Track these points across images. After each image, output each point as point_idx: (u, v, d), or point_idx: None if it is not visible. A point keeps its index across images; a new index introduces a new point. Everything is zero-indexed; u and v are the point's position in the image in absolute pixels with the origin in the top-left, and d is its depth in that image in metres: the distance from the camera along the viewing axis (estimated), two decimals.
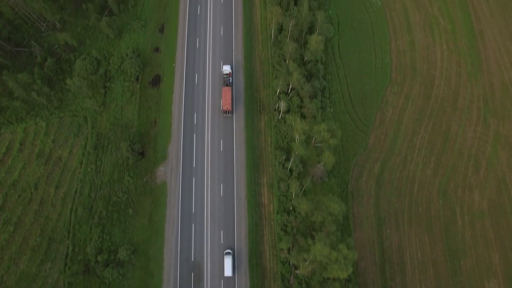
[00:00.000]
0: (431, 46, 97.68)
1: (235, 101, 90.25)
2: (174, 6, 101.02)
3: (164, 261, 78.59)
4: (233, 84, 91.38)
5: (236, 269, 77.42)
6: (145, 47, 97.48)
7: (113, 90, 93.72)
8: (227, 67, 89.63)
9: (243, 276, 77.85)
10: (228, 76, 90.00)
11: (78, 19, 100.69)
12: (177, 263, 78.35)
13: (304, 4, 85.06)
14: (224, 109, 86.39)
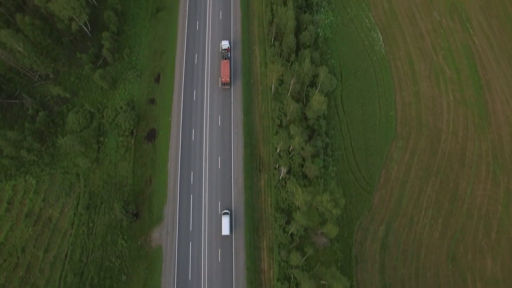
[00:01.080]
0: (437, 97, 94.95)
1: (230, 153, 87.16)
2: (170, 54, 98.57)
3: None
4: (232, 141, 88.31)
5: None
6: (140, 99, 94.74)
7: (107, 145, 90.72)
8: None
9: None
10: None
11: (72, 68, 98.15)
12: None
13: (306, 60, 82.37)
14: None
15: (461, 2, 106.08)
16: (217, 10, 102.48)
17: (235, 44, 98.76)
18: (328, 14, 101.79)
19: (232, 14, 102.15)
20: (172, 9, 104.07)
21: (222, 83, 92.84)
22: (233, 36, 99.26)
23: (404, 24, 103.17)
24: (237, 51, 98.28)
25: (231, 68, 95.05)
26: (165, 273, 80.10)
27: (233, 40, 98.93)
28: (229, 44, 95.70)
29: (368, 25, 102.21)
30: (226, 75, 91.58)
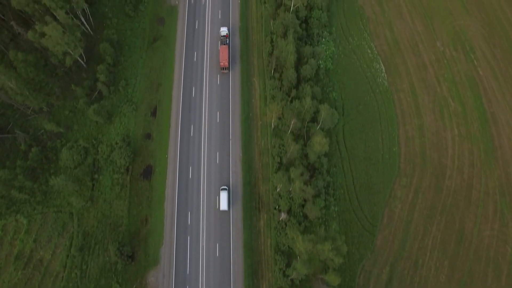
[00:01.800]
0: (441, 131, 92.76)
1: (232, 201, 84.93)
2: (167, 86, 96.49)
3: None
4: (230, 187, 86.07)
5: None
6: (136, 133, 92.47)
7: (102, 183, 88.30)
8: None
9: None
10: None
11: (66, 101, 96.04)
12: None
13: (307, 98, 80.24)
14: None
15: (464, 31, 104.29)
16: (216, 41, 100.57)
17: (234, 75, 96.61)
18: (329, 44, 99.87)
19: (231, 44, 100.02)
20: (170, 39, 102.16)
21: (221, 67, 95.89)
22: (231, 68, 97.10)
23: (407, 54, 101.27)
24: (236, 83, 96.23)
25: (229, 53, 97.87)
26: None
27: (231, 72, 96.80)
28: (227, 31, 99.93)
29: (370, 56, 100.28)
30: (225, 60, 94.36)
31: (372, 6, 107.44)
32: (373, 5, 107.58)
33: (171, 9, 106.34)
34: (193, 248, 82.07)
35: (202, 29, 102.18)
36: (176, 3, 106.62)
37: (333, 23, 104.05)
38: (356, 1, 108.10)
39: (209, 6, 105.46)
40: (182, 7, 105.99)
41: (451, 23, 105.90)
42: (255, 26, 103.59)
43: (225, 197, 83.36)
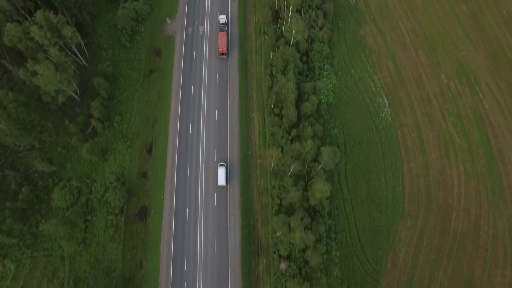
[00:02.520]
0: (446, 169, 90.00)
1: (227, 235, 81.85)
2: (163, 122, 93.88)
3: None
4: (229, 222, 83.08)
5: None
6: (131, 172, 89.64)
7: (95, 225, 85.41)
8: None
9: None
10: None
11: (60, 136, 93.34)
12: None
13: (308, 141, 77.53)
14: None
15: (469, 63, 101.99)
16: (213, 73, 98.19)
17: (232, 110, 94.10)
18: (331, 77, 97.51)
19: (229, 77, 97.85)
20: (166, 71, 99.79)
21: (220, 52, 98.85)
22: (230, 103, 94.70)
23: (410, 87, 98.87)
24: (234, 118, 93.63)
25: (228, 39, 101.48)
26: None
27: (230, 107, 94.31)
28: (226, 18, 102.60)
29: (373, 89, 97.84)
30: (223, 45, 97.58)
31: (375, 37, 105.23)
32: (376, 36, 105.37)
33: (168, 40, 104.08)
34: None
35: (200, 61, 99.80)
36: (173, 33, 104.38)
37: (335, 55, 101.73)
38: (358, 31, 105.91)
39: (207, 36, 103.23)
40: (179, 37, 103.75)
41: (455, 54, 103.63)
42: (254, 57, 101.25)
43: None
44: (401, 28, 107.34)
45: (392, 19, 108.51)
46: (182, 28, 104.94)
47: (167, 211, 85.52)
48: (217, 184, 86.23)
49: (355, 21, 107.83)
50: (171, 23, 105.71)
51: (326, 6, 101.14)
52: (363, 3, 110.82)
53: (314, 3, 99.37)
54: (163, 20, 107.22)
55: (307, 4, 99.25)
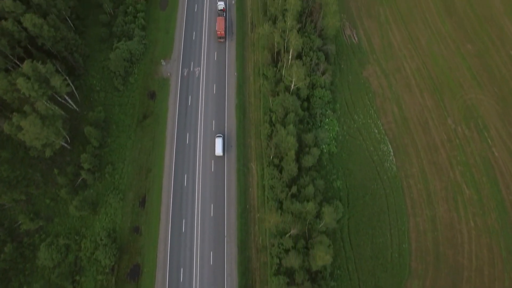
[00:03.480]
0: (455, 224, 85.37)
1: None
2: (157, 173, 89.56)
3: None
4: (225, 283, 78.32)
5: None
6: (123, 227, 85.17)
7: (83, 286, 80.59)
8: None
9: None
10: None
11: (48, 187, 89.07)
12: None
13: (309, 203, 73.31)
14: None
15: (476, 106, 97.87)
16: (210, 120, 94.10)
17: (229, 161, 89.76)
18: (333, 124, 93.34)
19: (227, 125, 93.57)
20: (161, 117, 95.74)
21: (218, 36, 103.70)
22: (227, 153, 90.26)
23: (416, 133, 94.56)
24: (232, 169, 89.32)
25: (226, 24, 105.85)
26: None
27: (227, 157, 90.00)
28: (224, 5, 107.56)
29: (377, 136, 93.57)
30: (221, 29, 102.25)
31: (379, 78, 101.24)
32: (380, 77, 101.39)
33: (163, 82, 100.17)
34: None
35: (196, 106, 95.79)
36: (168, 75, 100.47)
37: (337, 99, 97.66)
38: (361, 73, 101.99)
39: (203, 79, 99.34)
40: (174, 79, 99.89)
41: (462, 97, 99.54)
42: (253, 101, 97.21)
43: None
44: (405, 69, 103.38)
45: (396, 59, 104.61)
46: (178, 69, 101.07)
47: (161, 270, 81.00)
48: (213, 242, 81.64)
49: (358, 61, 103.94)
50: (166, 64, 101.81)
51: (328, 48, 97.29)
52: (366, 42, 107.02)
53: (315, 45, 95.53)
54: (158, 60, 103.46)
55: (308, 46, 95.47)
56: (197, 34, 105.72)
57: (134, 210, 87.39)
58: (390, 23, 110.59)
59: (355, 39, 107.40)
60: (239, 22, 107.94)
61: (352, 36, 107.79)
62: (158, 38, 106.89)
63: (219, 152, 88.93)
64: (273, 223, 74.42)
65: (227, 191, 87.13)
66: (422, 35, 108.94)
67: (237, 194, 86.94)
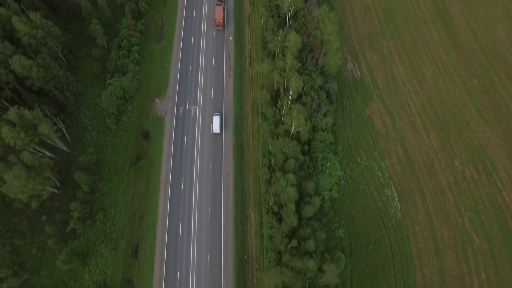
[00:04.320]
0: (465, 276, 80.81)
1: None
2: (151, 220, 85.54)
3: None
4: None
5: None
6: (115, 279, 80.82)
7: None
8: None
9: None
10: None
11: (35, 235, 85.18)
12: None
13: (310, 262, 68.71)
14: None
15: (484, 147, 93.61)
16: (206, 163, 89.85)
17: (226, 208, 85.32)
18: (335, 168, 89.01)
19: (224, 168, 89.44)
20: (155, 159, 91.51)
21: (216, 24, 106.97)
22: (224, 198, 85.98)
23: (422, 176, 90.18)
24: (229, 217, 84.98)
25: (224, 13, 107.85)
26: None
27: (224, 203, 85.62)
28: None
29: (381, 180, 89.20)
30: (220, 17, 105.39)
31: (382, 116, 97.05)
32: (383, 115, 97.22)
33: (158, 121, 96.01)
34: None
35: (191, 148, 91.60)
36: (163, 114, 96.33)
37: (339, 139, 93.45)
38: (364, 111, 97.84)
39: (199, 118, 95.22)
40: (169, 118, 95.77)
41: (469, 135, 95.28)
42: (251, 142, 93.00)
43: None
44: (410, 105, 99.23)
45: (400, 95, 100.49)
46: (173, 107, 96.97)
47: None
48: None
49: (361, 98, 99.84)
50: (161, 102, 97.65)
51: (329, 86, 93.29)
52: (369, 76, 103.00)
53: (316, 84, 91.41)
54: (153, 97, 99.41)
55: (309, 85, 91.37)
56: (193, 69, 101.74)
57: (126, 260, 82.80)
58: (393, 56, 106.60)
59: (358, 74, 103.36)
60: (237, 56, 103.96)
61: (354, 71, 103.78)
62: (153, 73, 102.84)
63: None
64: (272, 284, 69.74)
65: (224, 240, 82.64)
66: (426, 68, 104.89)
67: (234, 244, 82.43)
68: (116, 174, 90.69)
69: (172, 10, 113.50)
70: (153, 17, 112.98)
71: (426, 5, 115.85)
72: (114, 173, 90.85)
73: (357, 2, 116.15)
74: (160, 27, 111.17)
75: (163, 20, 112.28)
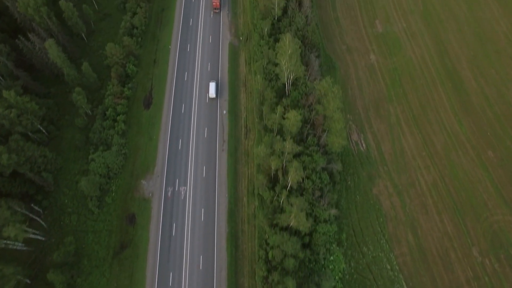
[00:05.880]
0: None
1: None
2: None
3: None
4: None
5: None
6: None
7: None
8: None
9: None
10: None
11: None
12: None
13: None
14: None
15: (506, 232, 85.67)
16: (196, 257, 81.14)
17: None
18: (339, 261, 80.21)
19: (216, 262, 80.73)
20: (140, 248, 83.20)
21: (214, 7, 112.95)
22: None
23: (436, 269, 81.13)
24: None
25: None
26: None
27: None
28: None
29: (390, 273, 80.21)
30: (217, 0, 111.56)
31: (390, 197, 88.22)
32: (391, 195, 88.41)
33: (144, 203, 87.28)
34: None
35: (180, 238, 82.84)
36: (150, 195, 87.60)
37: (343, 226, 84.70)
38: (370, 190, 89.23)
39: (189, 202, 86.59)
40: (156, 201, 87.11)
41: (487, 218, 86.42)
42: (246, 229, 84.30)
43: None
44: (420, 183, 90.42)
45: (410, 171, 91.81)
46: (161, 188, 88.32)
47: None
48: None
49: (367, 175, 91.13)
50: (148, 182, 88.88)
51: (333, 166, 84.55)
52: (376, 149, 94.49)
53: (318, 166, 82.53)
54: (139, 174, 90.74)
55: (310, 168, 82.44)
56: (184, 142, 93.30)
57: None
58: (401, 125, 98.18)
59: (363, 146, 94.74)
60: (232, 126, 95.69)
61: (360, 143, 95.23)
62: (140, 145, 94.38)
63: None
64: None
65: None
66: (437, 139, 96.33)
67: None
68: (97, 267, 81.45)
69: (162, 71, 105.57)
70: (141, 79, 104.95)
71: (434, 64, 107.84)
72: (95, 265, 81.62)
73: (361, 62, 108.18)
74: (149, 90, 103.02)
75: (153, 83, 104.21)
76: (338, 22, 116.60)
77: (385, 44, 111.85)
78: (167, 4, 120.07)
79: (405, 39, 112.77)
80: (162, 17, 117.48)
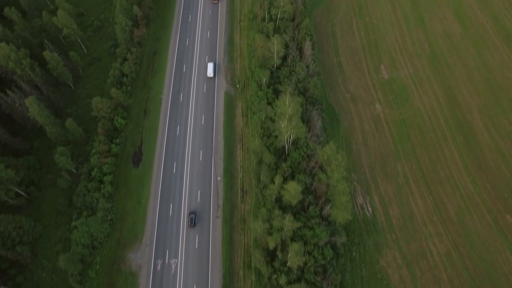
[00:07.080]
0: None
1: None
2: None
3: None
4: None
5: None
6: None
7: None
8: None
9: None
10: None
11: None
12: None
13: None
14: None
15: None
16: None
17: None
18: None
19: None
20: None
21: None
22: None
23: None
24: None
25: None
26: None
27: None
28: None
29: None
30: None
31: (399, 269, 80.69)
32: (400, 267, 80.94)
33: (131, 277, 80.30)
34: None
35: None
36: (138, 268, 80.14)
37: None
38: (377, 262, 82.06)
39: (180, 277, 79.22)
40: (144, 275, 79.96)
41: None
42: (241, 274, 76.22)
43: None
44: (432, 253, 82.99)
45: (420, 239, 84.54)
46: (150, 260, 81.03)
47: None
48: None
49: (374, 244, 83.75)
50: (136, 252, 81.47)
51: (335, 240, 76.98)
52: (383, 214, 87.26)
53: (321, 241, 75.10)
54: (126, 242, 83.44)
55: (312, 242, 74.99)
56: (175, 208, 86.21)
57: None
58: (410, 185, 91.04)
59: (369, 211, 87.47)
60: (227, 189, 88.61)
61: (365, 207, 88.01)
62: (128, 210, 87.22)
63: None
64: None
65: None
66: (449, 201, 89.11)
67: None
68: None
69: (153, 124, 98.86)
70: (131, 132, 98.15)
71: (444, 115, 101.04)
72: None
73: (367, 113, 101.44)
74: (139, 146, 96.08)
75: (143, 137, 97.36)
76: (341, 68, 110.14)
77: (391, 92, 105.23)
78: (159, 47, 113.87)
79: (412, 87, 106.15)
80: (154, 62, 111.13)
